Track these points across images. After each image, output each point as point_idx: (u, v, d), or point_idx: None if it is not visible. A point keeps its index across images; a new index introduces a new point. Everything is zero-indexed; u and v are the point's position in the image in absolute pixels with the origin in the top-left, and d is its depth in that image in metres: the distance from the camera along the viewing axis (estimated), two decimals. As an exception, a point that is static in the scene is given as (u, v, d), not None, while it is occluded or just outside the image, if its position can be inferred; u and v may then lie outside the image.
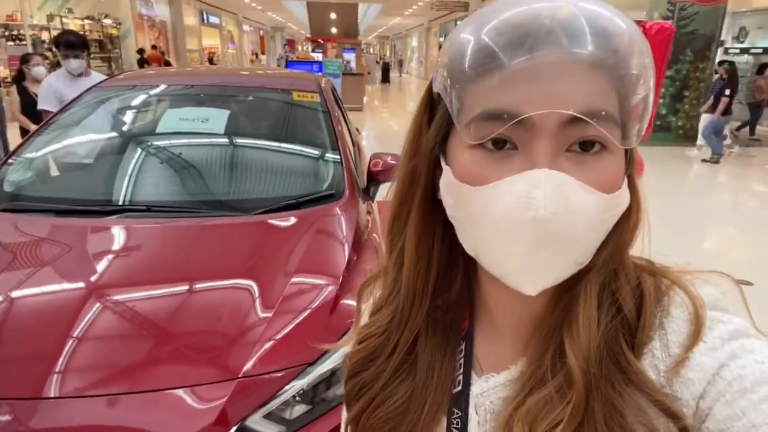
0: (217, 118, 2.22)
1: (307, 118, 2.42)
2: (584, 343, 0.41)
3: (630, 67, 0.37)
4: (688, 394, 0.39)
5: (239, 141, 2.28)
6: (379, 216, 2.36)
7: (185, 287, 1.52)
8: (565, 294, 0.44)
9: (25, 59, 4.19)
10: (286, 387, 1.26)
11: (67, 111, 2.27)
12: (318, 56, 21.85)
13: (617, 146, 0.39)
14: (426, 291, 0.49)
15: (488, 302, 0.50)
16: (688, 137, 8.90)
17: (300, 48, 42.80)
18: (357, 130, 3.81)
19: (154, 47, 16.84)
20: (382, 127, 11.23)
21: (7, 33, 12.46)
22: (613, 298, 0.43)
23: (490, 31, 0.38)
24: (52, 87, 3.21)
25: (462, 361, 0.50)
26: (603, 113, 0.37)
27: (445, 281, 0.50)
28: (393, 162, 2.39)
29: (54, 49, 3.33)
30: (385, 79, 26.09)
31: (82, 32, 14.28)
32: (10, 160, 2.02)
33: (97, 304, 1.40)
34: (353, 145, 2.80)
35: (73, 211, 1.78)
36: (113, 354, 1.31)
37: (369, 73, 19.94)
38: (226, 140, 2.20)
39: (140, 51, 15.02)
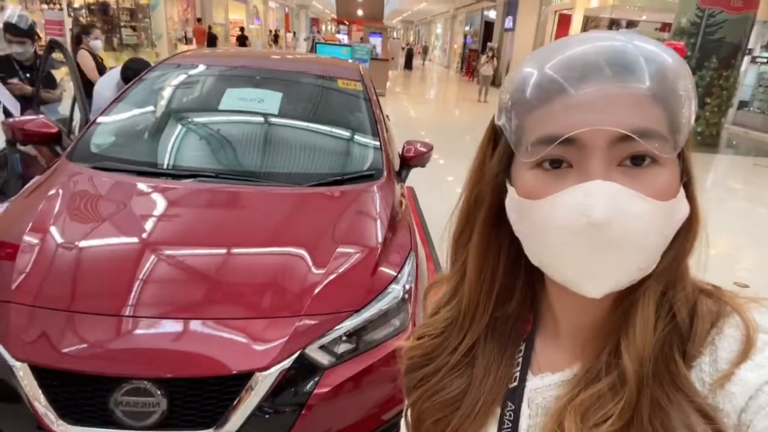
0: (271, 100, 2.49)
1: (351, 104, 2.68)
2: (640, 345, 0.43)
3: (677, 94, 0.41)
4: (729, 407, 0.41)
5: (291, 122, 2.55)
6: (408, 199, 2.63)
7: (252, 245, 1.80)
8: (624, 300, 0.46)
9: (85, 30, 4.28)
10: (336, 327, 1.54)
11: (138, 83, 2.55)
12: (343, 38, 21.89)
13: (668, 159, 0.42)
14: (488, 304, 0.53)
15: (553, 309, 0.53)
16: (707, 144, 8.94)
17: (324, 28, 42.63)
18: (387, 116, 4.06)
19: (199, 20, 17.14)
20: (403, 113, 11.42)
21: (42, -4, 12.71)
22: (670, 306, 0.45)
23: (550, 66, 0.42)
24: (108, 96, 3.08)
25: (520, 360, 0.53)
26: (651, 132, 0.40)
27: (507, 294, 0.54)
28: (423, 149, 2.65)
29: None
30: (408, 65, 26.06)
31: (114, 0, 14.56)
32: (93, 126, 2.31)
33: (177, 253, 1.69)
34: (387, 130, 3.06)
35: (152, 173, 2.07)
36: (196, 290, 1.59)
37: (392, 58, 19.99)
38: (280, 120, 2.47)
39: (241, 29, 15.21)
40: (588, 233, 0.40)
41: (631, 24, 15.24)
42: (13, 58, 3.38)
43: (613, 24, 15.03)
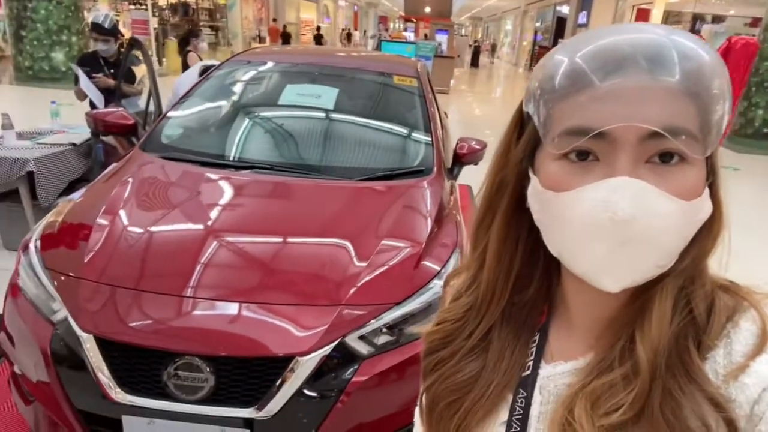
0: (327, 95, 2.56)
1: (405, 100, 2.70)
2: (655, 337, 0.43)
3: (711, 92, 0.40)
4: (743, 398, 0.41)
5: (345, 117, 2.61)
6: (460, 197, 2.61)
7: (299, 236, 1.87)
8: (642, 294, 0.46)
9: (194, 33, 4.51)
10: (376, 319, 1.57)
11: (207, 80, 2.71)
12: (410, 35, 21.94)
13: (697, 158, 0.41)
14: (505, 289, 0.53)
15: (568, 300, 0.53)
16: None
17: (392, 26, 42.89)
18: (445, 113, 4.05)
19: (274, 20, 17.91)
20: (467, 112, 11.29)
21: (129, -3, 13.68)
22: (687, 301, 0.45)
23: (581, 55, 0.41)
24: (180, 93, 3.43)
25: (534, 349, 0.54)
26: (683, 132, 0.39)
27: (523, 282, 0.54)
28: (477, 147, 2.62)
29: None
30: (475, 63, 25.71)
31: (194, 0, 15.38)
32: (164, 119, 2.48)
33: (231, 239, 1.78)
34: (442, 127, 3.05)
35: (214, 163, 2.19)
36: (241, 277, 1.68)
37: (458, 56, 19.78)
38: (335, 115, 2.54)
39: (317, 28, 15.87)
40: (610, 229, 0.40)
41: (716, 19, 14.18)
42: (98, 54, 3.68)
43: (697, 19, 14.05)
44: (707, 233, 0.45)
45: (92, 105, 3.60)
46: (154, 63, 12.39)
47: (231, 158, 2.29)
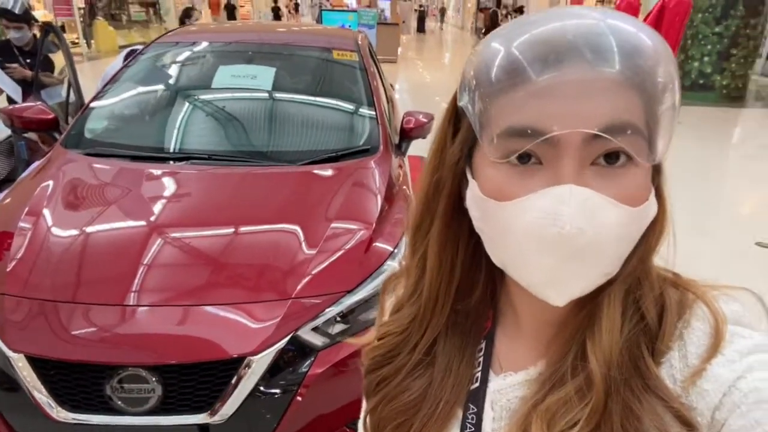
0: (264, 76, 2.44)
1: (346, 77, 2.60)
2: (606, 348, 0.41)
3: (655, 81, 0.38)
4: (703, 405, 0.39)
5: (285, 97, 2.50)
6: (410, 171, 2.57)
7: (242, 226, 1.79)
8: (589, 301, 0.44)
9: (187, 14, 4.53)
10: (329, 309, 1.53)
11: (131, 66, 2.52)
12: (351, 2, 21.39)
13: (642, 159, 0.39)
14: (448, 297, 0.50)
15: (514, 305, 0.51)
16: (732, 98, 8.58)
17: (334, -8, 41.65)
18: (391, 85, 3.96)
19: None
20: (417, 80, 11.18)
21: (50, -24, 12.65)
22: (636, 305, 0.43)
23: (518, 45, 0.38)
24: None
25: (481, 359, 0.51)
26: (628, 127, 0.37)
27: (466, 288, 0.51)
28: (424, 120, 2.57)
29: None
30: (421, 29, 25.43)
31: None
32: (87, 110, 2.30)
33: (168, 237, 1.68)
34: (388, 101, 2.98)
35: (145, 157, 2.06)
36: (185, 276, 1.60)
37: (404, 22, 19.49)
38: (272, 96, 2.42)
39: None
40: (557, 243, 0.38)
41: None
42: (12, 43, 3.37)
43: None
44: (651, 232, 0.43)
45: (9, 99, 3.31)
46: (83, 46, 11.66)
47: (163, 150, 2.15)
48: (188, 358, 1.40)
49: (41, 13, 12.15)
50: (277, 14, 20.89)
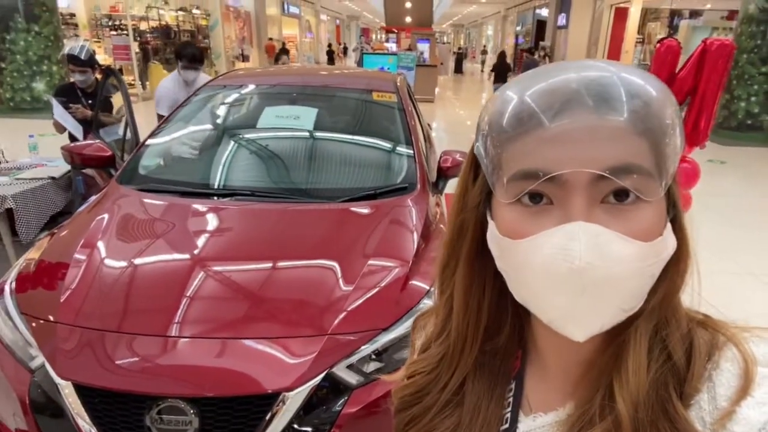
0: (306, 116, 2.53)
1: (385, 117, 2.67)
2: (633, 389, 0.41)
3: (662, 126, 0.39)
4: None
5: (325, 137, 2.58)
6: (447, 209, 2.58)
7: (282, 261, 1.83)
8: (615, 339, 0.44)
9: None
10: (364, 346, 1.53)
11: (182, 107, 2.67)
12: (391, 46, 22.07)
13: (654, 194, 0.40)
14: (476, 338, 0.51)
15: (540, 345, 0.51)
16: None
17: (374, 37, 43.15)
18: (429, 125, 4.03)
19: (270, 39, 18.86)
20: (454, 119, 11.32)
21: (110, 23, 13.68)
22: (663, 345, 0.43)
23: (531, 93, 0.41)
24: (168, 90, 3.59)
25: (511, 400, 0.51)
26: (634, 169, 0.39)
27: (494, 328, 0.52)
28: (461, 159, 2.59)
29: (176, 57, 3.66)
30: (458, 69, 25.88)
31: (176, 23, 15.43)
32: (141, 149, 2.44)
33: (211, 271, 1.73)
34: (425, 140, 3.03)
35: (192, 192, 2.15)
36: (225, 310, 1.63)
37: (442, 63, 19.90)
38: (314, 136, 2.51)
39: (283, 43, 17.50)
40: (570, 278, 0.39)
41: (694, 14, 14.37)
42: (76, 86, 3.63)
43: (674, 15, 14.22)
44: (674, 270, 0.43)
45: (71, 136, 3.55)
46: (138, 87, 12.41)
47: (210, 187, 2.25)
48: (225, 391, 1.42)
49: (102, 57, 13.06)
50: (331, 57, 23.15)
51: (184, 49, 3.64)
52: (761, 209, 5.28)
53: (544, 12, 21.08)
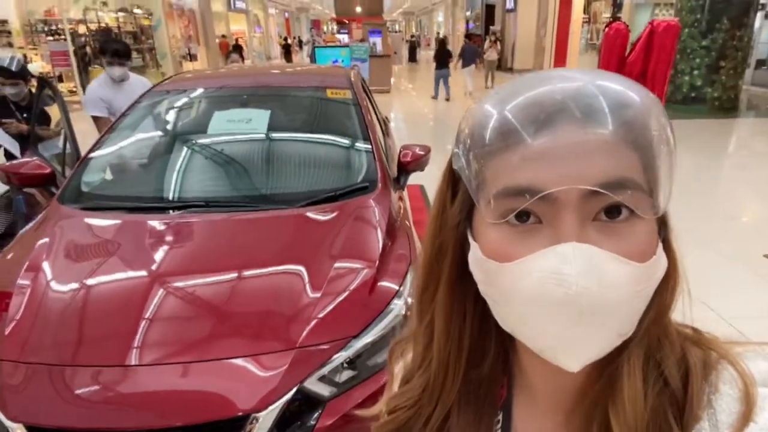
0: (259, 119, 2.44)
1: (341, 115, 2.61)
2: (631, 420, 0.39)
3: (649, 135, 0.37)
4: None
5: (281, 139, 2.50)
6: (409, 202, 2.55)
7: (244, 273, 1.75)
8: (607, 365, 0.41)
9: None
10: (335, 356, 1.48)
11: (126, 116, 2.53)
12: (343, 37, 21.83)
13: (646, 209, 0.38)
14: (458, 366, 0.48)
15: (527, 373, 0.48)
16: (725, 108, 8.67)
17: (325, 28, 42.63)
18: (386, 118, 3.98)
19: (223, 36, 18.90)
20: (412, 109, 11.30)
21: (46, 28, 12.97)
22: (659, 370, 0.41)
23: (511, 108, 0.38)
24: (96, 94, 3.34)
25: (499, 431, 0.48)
26: (625, 183, 0.36)
27: (478, 355, 0.49)
28: (421, 153, 2.57)
29: (100, 54, 3.39)
30: (412, 58, 25.86)
31: (116, 25, 14.78)
32: (83, 163, 2.29)
33: (168, 290, 1.64)
34: (384, 134, 2.98)
35: (141, 208, 2.04)
36: (186, 330, 1.55)
37: (395, 52, 19.84)
38: (268, 139, 2.42)
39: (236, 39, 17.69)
40: (564, 304, 0.36)
41: (635, -8, 14.75)
42: (8, 99, 3.40)
43: (617, -6, 14.57)
44: (664, 288, 0.41)
45: (8, 154, 3.33)
46: (80, 94, 11.83)
47: (161, 200, 2.13)
48: (193, 419, 1.34)
49: (39, 65, 12.38)
50: (288, 51, 23.08)
51: (107, 45, 3.42)
52: (709, 179, 5.50)
53: (492, -4, 21.25)
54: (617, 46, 1.74)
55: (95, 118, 3.33)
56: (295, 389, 1.40)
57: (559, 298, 0.36)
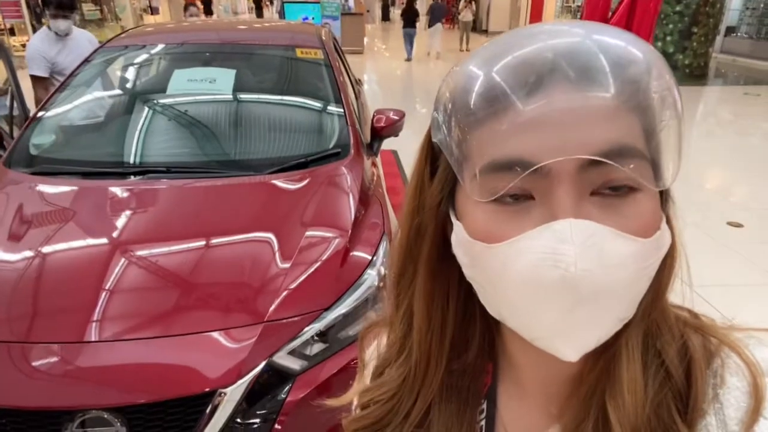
0: (224, 79, 2.30)
1: (312, 76, 2.48)
2: (631, 412, 0.36)
3: (651, 96, 0.33)
4: None
5: (247, 100, 2.36)
6: (383, 168, 2.48)
7: (210, 242, 1.67)
8: (604, 351, 0.37)
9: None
10: (306, 328, 1.43)
11: (79, 72, 2.35)
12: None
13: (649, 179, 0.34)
14: (441, 355, 0.44)
15: (515, 361, 0.45)
16: (695, 76, 8.76)
17: (296, -16, 40.89)
18: (359, 80, 3.85)
19: None
20: (386, 71, 11.05)
21: (-7, -23, 12.01)
22: (660, 360, 0.38)
23: (498, 69, 0.34)
24: (39, 51, 3.10)
25: (483, 423, 0.45)
26: (627, 151, 0.33)
27: (461, 343, 0.45)
28: (395, 117, 2.48)
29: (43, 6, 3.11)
30: (386, 17, 25.19)
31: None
32: (32, 124, 2.13)
33: (128, 260, 1.55)
34: (356, 98, 2.87)
35: (96, 173, 1.91)
36: (148, 303, 1.47)
37: (368, 11, 19.26)
38: (234, 100, 2.29)
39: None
40: (561, 288, 0.32)
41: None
42: (-51, 52, 3.13)
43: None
44: (662, 266, 0.37)
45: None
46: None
47: (116, 165, 2.00)
48: (154, 396, 1.29)
49: (-13, 16, 11.53)
50: (259, 6, 22.28)
51: None
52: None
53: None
54: (600, 8, 1.68)
55: (35, 79, 3.08)
56: (263, 363, 1.35)
57: (556, 281, 0.32)
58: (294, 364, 1.40)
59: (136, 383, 1.31)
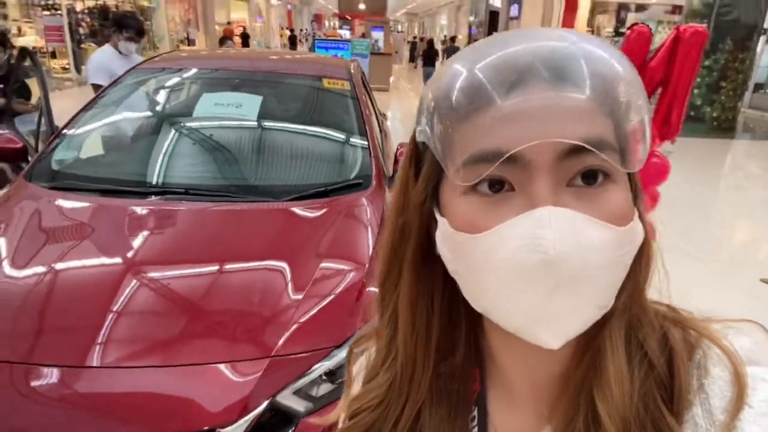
0: (250, 104, 2.29)
1: (337, 106, 2.47)
2: (619, 403, 0.37)
3: (619, 96, 0.36)
4: None
5: (271, 127, 2.35)
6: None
7: (223, 268, 1.61)
8: (588, 346, 0.39)
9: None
10: (314, 367, 1.34)
11: (108, 92, 2.37)
12: (345, 33, 21.68)
13: (621, 175, 0.37)
14: (427, 359, 0.44)
15: (500, 361, 0.45)
16: (723, 129, 8.66)
17: (327, 23, 42.42)
18: (384, 114, 3.85)
19: (229, 23, 18.98)
20: (410, 109, 11.19)
21: (42, 2, 12.66)
22: (642, 351, 0.39)
23: (481, 67, 0.36)
24: (102, 63, 3.30)
25: (475, 430, 0.45)
26: (601, 142, 0.35)
27: (448, 345, 0.46)
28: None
29: (114, 27, 3.37)
30: (412, 58, 25.79)
31: (114, 4, 14.48)
32: (57, 139, 2.13)
33: (138, 282, 1.49)
34: (380, 131, 2.85)
35: (114, 191, 1.88)
36: (155, 328, 1.40)
37: (396, 52, 19.76)
38: (259, 126, 2.27)
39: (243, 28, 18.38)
40: (542, 272, 0.34)
41: (640, 8, 14.83)
42: (-14, 67, 3.23)
43: (621, 8, 14.64)
44: (638, 260, 0.39)
45: (-18, 125, 3.14)
46: (73, 71, 11.56)
47: (135, 184, 1.97)
48: (151, 430, 1.20)
49: (32, 39, 12.08)
50: (294, 43, 23.68)
51: (128, 20, 3.43)
52: (707, 200, 5.44)
53: (497, 2, 21.21)
54: (638, 51, 1.63)
55: (96, 87, 3.22)
56: (266, 403, 1.26)
57: (536, 265, 0.33)
58: (299, 405, 1.30)
59: (133, 414, 1.22)
